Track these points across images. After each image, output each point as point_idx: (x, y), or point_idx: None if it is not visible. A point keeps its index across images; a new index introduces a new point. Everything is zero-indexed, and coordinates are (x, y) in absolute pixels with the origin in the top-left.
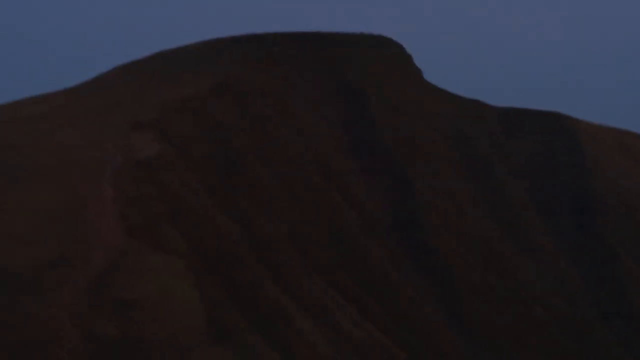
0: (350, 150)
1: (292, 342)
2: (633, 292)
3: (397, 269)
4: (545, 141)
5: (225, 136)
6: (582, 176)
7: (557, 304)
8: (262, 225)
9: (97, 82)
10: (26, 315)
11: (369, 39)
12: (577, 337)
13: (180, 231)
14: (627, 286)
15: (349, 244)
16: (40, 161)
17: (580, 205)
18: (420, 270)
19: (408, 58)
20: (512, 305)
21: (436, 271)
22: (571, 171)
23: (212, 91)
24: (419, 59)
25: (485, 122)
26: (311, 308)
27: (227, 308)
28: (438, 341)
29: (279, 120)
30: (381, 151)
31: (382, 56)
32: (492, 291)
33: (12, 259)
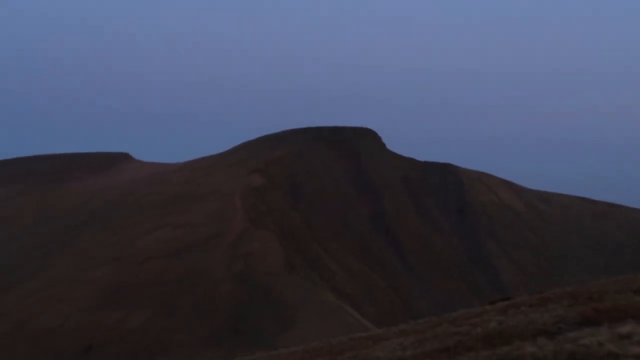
0: (353, 184)
1: (328, 274)
2: (487, 251)
3: (375, 237)
4: (444, 180)
5: (296, 176)
6: (462, 194)
7: (448, 254)
8: (313, 219)
9: (233, 150)
10: (201, 261)
11: (362, 129)
12: (461, 270)
13: (273, 220)
14: (487, 253)
15: (353, 228)
16: (204, 189)
17: (461, 208)
18: (386, 237)
19: (379, 138)
20: (428, 253)
21: (393, 236)
22: (454, 190)
23: (289, 154)
24: (384, 134)
25: (416, 170)
26: (337, 258)
27: (295, 256)
28: (394, 271)
29: (320, 168)
30: (368, 184)
31: (367, 137)
32: (422, 247)
33: (193, 235)
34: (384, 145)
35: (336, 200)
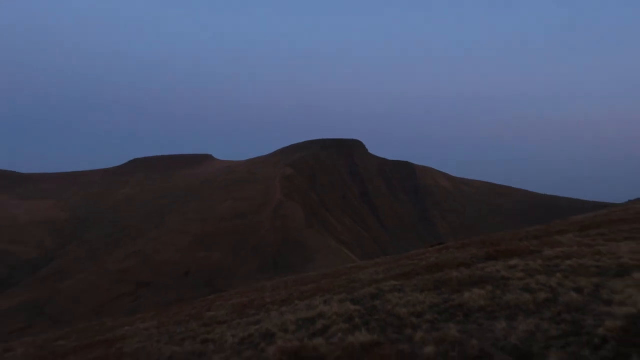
0: (349, 174)
1: (333, 229)
2: (430, 215)
3: (362, 207)
4: (404, 172)
5: (313, 169)
6: (415, 180)
7: (407, 217)
8: (324, 195)
9: (273, 153)
10: (254, 221)
11: (354, 140)
12: (414, 227)
13: (299, 195)
14: (431, 217)
15: (349, 201)
16: (256, 177)
17: (415, 189)
18: (369, 207)
19: (363, 145)
20: (394, 217)
21: (373, 206)
22: (411, 178)
23: (309, 156)
24: (367, 143)
25: (388, 165)
26: (339, 219)
27: (312, 218)
28: (374, 228)
29: (331, 166)
30: (358, 174)
31: (357, 145)
32: (391, 213)
33: (249, 204)
34: (367, 150)
35: (338, 184)
